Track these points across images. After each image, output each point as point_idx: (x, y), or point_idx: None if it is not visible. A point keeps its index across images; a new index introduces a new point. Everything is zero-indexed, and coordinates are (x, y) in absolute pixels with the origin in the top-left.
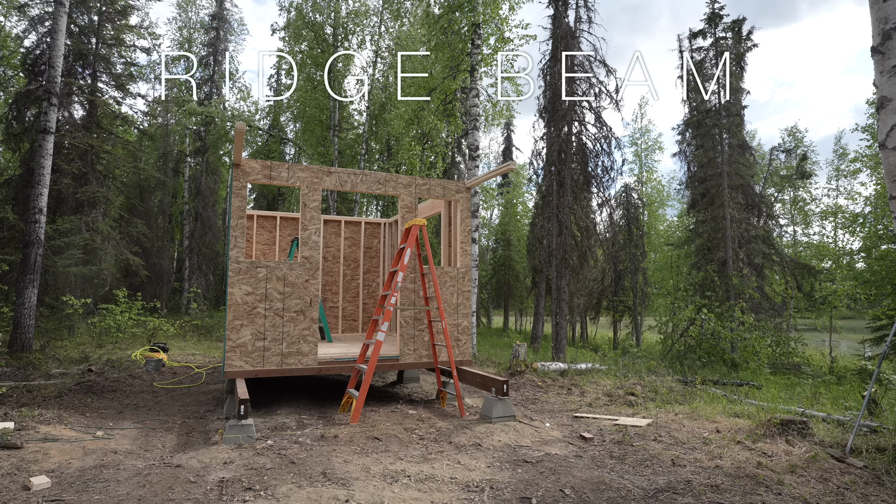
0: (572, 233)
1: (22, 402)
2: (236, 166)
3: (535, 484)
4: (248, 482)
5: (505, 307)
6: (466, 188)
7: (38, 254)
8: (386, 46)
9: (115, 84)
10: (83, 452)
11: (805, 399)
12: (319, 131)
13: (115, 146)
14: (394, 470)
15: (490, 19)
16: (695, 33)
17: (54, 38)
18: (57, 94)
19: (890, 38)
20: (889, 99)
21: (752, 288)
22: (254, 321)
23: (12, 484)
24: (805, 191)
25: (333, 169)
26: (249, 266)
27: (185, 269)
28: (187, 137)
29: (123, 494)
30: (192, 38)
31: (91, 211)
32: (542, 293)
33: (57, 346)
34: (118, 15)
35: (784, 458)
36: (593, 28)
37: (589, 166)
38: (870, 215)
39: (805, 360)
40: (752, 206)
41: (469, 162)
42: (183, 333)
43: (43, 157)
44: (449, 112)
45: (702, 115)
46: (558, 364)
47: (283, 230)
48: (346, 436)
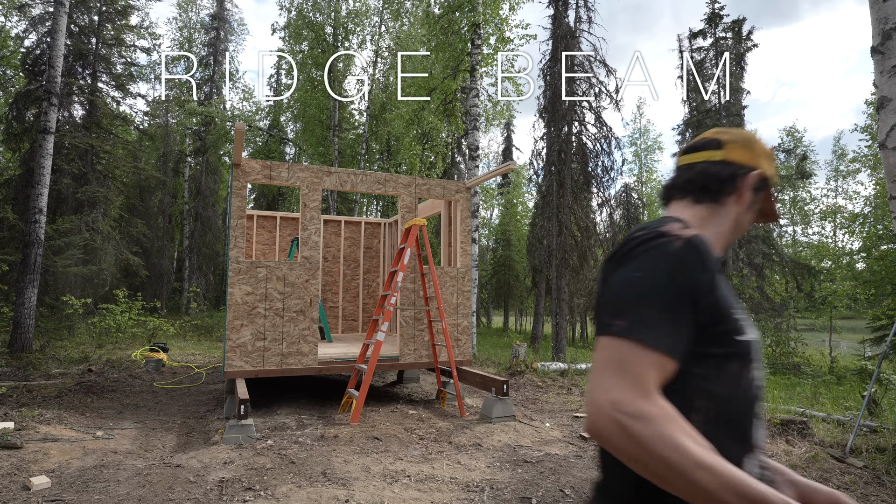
0: (572, 233)
1: (22, 402)
2: (236, 166)
3: (535, 484)
4: (248, 482)
5: (505, 307)
6: (466, 188)
7: (38, 254)
8: (386, 46)
9: (115, 84)
10: (83, 452)
11: (805, 399)
12: (319, 131)
13: (115, 146)
14: (394, 470)
15: (490, 19)
16: (695, 33)
17: (54, 38)
18: (57, 94)
19: (890, 38)
20: (889, 99)
21: (752, 288)
22: (254, 321)
23: (12, 484)
24: (805, 191)
25: (333, 169)
26: (249, 266)
27: (185, 268)
28: (187, 137)
29: (123, 494)
30: (192, 37)
31: (91, 211)
32: (542, 293)
33: (57, 346)
34: (118, 15)
35: (784, 458)
36: (593, 28)
37: (589, 166)
38: (870, 215)
39: (805, 359)
40: None
41: (469, 162)
42: (183, 333)
43: (43, 157)
44: (449, 112)
45: (702, 115)
46: (558, 364)
47: (283, 230)
48: (346, 436)
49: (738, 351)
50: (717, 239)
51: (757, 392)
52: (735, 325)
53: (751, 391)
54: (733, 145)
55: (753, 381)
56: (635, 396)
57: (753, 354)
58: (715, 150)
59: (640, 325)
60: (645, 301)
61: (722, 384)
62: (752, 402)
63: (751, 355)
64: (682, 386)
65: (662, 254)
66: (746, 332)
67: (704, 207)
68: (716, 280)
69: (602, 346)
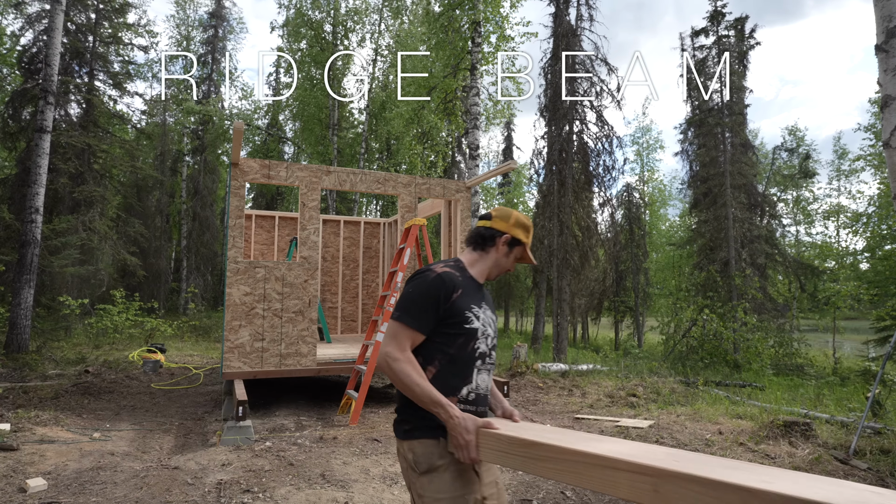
0: (573, 233)
1: (18, 404)
2: (235, 165)
3: (535, 485)
4: (246, 484)
5: (505, 307)
6: (467, 187)
7: (35, 254)
8: (386, 45)
9: (112, 83)
10: (80, 454)
11: (808, 400)
12: (319, 130)
13: (112, 145)
14: (393, 472)
15: (491, 17)
16: (697, 32)
17: (51, 36)
18: (53, 92)
19: (894, 36)
20: (893, 97)
21: (754, 288)
22: (252, 322)
23: (8, 486)
24: (808, 190)
25: (332, 168)
26: (248, 266)
27: (182, 269)
28: (185, 136)
29: (120, 496)
30: (190, 35)
31: (88, 210)
32: (542, 293)
33: (53, 347)
34: (116, 13)
35: (787, 460)
36: (594, 26)
37: (590, 165)
38: (873, 215)
39: (808, 361)
40: (754, 205)
41: (469, 161)
42: (181, 334)
43: (39, 157)
44: (449, 111)
45: (704, 113)
46: (559, 365)
47: (282, 230)
48: (346, 437)
49: (464, 332)
50: (482, 273)
51: (479, 355)
52: (464, 318)
53: (473, 354)
54: (497, 218)
55: (477, 349)
56: (396, 351)
57: (479, 335)
58: (486, 220)
59: (405, 315)
60: (409, 303)
61: (451, 348)
62: (472, 361)
63: (476, 335)
64: (430, 346)
65: (424, 280)
66: (474, 322)
67: (476, 254)
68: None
69: (389, 324)
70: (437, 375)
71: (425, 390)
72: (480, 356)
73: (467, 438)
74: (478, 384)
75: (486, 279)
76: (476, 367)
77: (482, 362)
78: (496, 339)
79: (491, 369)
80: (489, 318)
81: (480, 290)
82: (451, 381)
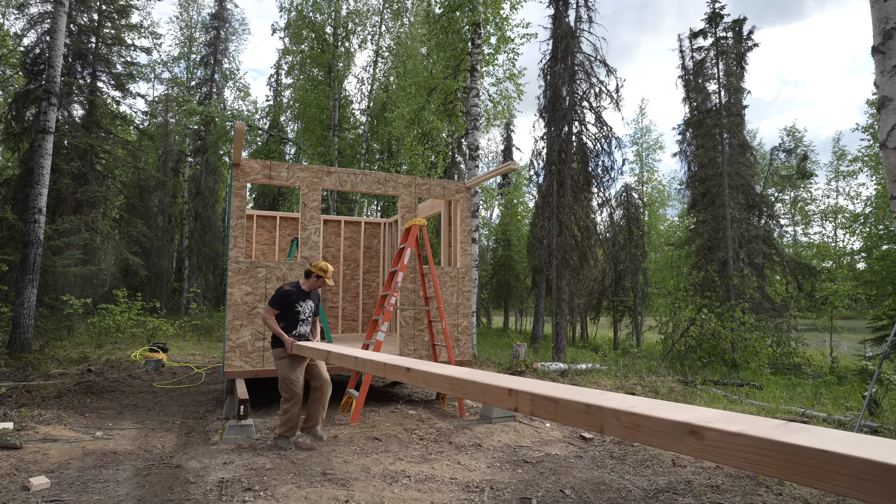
0: (572, 233)
1: (21, 403)
2: (236, 166)
3: (535, 484)
4: (247, 482)
5: (505, 307)
6: (466, 188)
7: (38, 254)
8: (387, 46)
9: (114, 84)
10: (82, 453)
11: (806, 399)
12: (319, 131)
13: (115, 146)
14: (394, 470)
15: (491, 18)
16: (695, 33)
17: (54, 38)
18: (56, 93)
19: (891, 38)
20: (890, 99)
21: (752, 288)
22: (253, 321)
23: (11, 484)
24: (806, 190)
25: (333, 169)
26: (249, 266)
27: (184, 269)
28: (187, 137)
29: (123, 495)
30: (192, 37)
31: (90, 211)
32: (542, 293)
33: (56, 347)
34: (118, 14)
35: None
36: (594, 28)
37: (589, 166)
38: (870, 215)
39: (806, 360)
40: (752, 206)
41: (469, 162)
42: (182, 333)
43: (42, 157)
44: (450, 112)
45: (702, 114)
46: (558, 364)
47: (283, 230)
48: (346, 436)
49: (291, 313)
50: (309, 288)
51: (300, 320)
52: (294, 308)
53: (296, 321)
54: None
55: (299, 319)
56: (268, 315)
57: (300, 316)
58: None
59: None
60: (274, 299)
61: (285, 318)
62: (296, 324)
63: (299, 316)
64: (281, 318)
65: (281, 290)
66: (298, 310)
67: (305, 280)
68: (291, 299)
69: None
70: (284, 327)
71: (278, 330)
72: (301, 321)
73: (289, 346)
74: (299, 331)
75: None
76: (299, 323)
77: (301, 323)
78: (311, 315)
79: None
80: (308, 306)
81: (308, 295)
82: (288, 329)
